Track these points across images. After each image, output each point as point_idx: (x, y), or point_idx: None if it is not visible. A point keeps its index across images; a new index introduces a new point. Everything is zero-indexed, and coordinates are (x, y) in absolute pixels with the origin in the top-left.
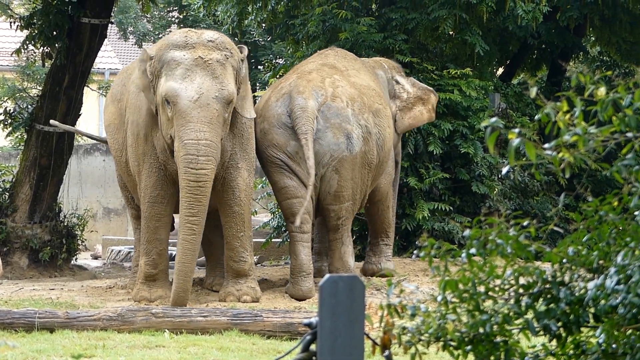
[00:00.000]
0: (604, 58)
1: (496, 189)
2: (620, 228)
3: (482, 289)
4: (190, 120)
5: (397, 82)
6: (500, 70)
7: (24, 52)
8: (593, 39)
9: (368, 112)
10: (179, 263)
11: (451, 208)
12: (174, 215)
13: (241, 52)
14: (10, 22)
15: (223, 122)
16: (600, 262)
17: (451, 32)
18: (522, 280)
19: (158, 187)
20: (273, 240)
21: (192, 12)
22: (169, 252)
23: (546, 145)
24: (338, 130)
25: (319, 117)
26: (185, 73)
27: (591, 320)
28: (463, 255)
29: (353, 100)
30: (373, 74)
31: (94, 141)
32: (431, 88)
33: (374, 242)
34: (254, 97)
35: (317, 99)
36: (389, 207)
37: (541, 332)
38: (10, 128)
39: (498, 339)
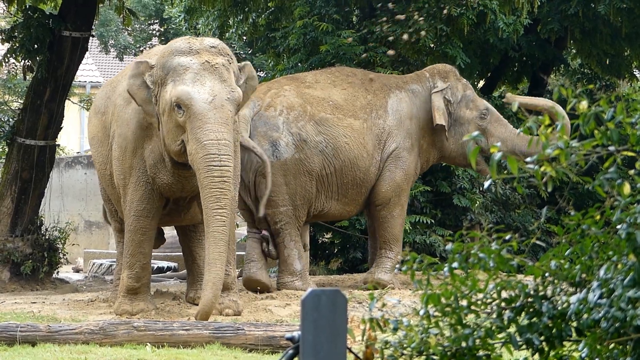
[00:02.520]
0: (585, 70)
1: (477, 202)
2: (603, 242)
3: (464, 302)
4: (208, 122)
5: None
6: (481, 83)
7: (5, 65)
8: (574, 51)
9: (308, 120)
10: (211, 257)
11: (432, 221)
12: (162, 228)
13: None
14: None
15: (233, 124)
16: (583, 275)
17: (432, 45)
18: (504, 294)
19: (144, 201)
20: None
21: (173, 25)
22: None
23: (528, 159)
24: (263, 138)
25: (251, 125)
26: (195, 77)
27: (574, 334)
28: (445, 269)
29: (290, 108)
30: (370, 90)
31: (76, 154)
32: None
33: (377, 253)
34: None
35: (253, 108)
36: (393, 217)
37: (524, 346)
38: None
39: (480, 353)
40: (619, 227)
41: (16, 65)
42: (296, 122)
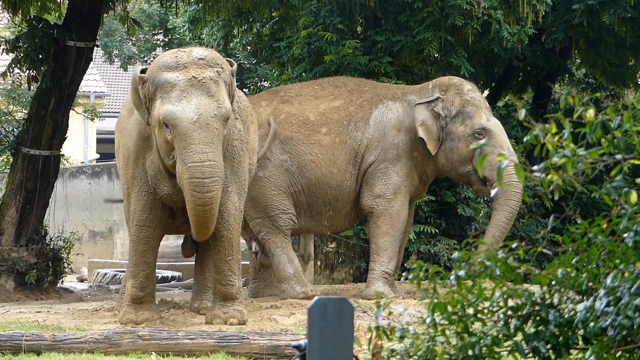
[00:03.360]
0: (590, 80)
1: (482, 212)
2: (610, 250)
3: (470, 311)
4: (192, 142)
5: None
6: (486, 93)
7: (10, 76)
8: (578, 61)
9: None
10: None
11: (437, 230)
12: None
13: (231, 66)
14: None
15: (222, 140)
16: (590, 284)
17: (436, 55)
18: (511, 303)
19: (147, 211)
20: None
21: (177, 35)
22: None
23: (535, 167)
24: None
25: None
26: (181, 95)
27: (580, 343)
28: (452, 277)
29: (259, 127)
30: (355, 102)
31: (80, 164)
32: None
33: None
34: None
35: None
36: (378, 226)
37: (530, 355)
38: None
39: None
40: (625, 235)
41: (21, 75)
42: (261, 141)
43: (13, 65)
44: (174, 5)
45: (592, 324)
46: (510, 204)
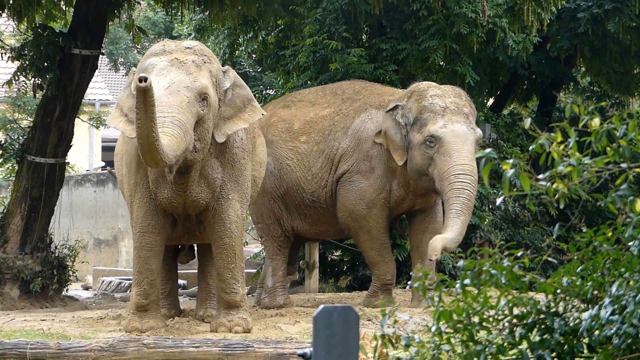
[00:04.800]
0: (594, 88)
1: (487, 220)
2: (615, 258)
3: (476, 319)
4: (159, 105)
5: None
6: (491, 101)
7: (15, 84)
8: (583, 69)
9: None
10: None
11: None
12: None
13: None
14: (1, 54)
15: (196, 114)
16: (595, 292)
17: (441, 63)
18: (516, 311)
19: (149, 217)
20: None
21: None
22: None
23: (540, 176)
24: None
25: None
26: (160, 72)
27: (585, 351)
28: (457, 285)
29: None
30: (343, 110)
31: (85, 172)
32: None
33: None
34: None
35: None
36: (361, 242)
37: None
38: (1, 159)
39: None
40: (630, 244)
41: (26, 83)
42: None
43: (18, 73)
44: (179, 13)
45: (597, 332)
46: (458, 200)
